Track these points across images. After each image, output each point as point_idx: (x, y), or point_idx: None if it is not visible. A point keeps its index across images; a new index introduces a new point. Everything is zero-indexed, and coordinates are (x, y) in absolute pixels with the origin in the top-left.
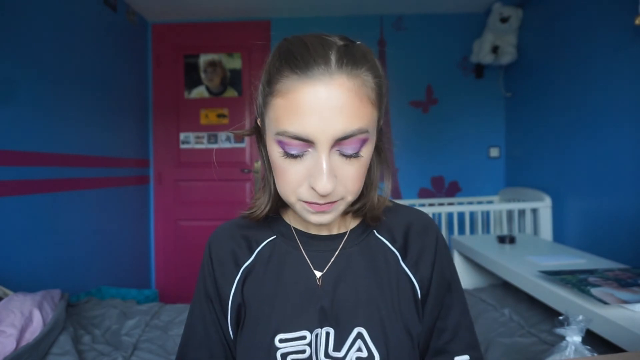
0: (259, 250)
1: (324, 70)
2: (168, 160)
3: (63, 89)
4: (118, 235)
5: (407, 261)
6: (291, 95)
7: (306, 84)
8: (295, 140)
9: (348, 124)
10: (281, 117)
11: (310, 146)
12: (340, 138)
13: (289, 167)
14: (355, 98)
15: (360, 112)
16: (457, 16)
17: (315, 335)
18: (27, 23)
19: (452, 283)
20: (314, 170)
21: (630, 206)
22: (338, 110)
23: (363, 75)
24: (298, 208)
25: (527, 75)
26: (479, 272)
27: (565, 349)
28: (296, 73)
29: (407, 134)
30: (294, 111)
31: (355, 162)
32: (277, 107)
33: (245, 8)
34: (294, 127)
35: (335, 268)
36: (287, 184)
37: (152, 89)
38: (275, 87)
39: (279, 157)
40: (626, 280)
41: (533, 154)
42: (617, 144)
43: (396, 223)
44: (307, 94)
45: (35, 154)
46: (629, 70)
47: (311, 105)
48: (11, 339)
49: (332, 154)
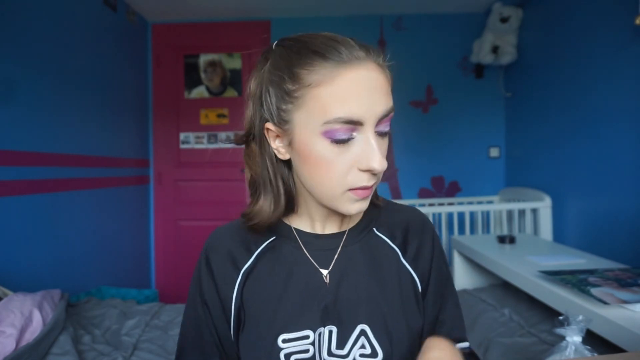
0: (258, 251)
1: (354, 55)
2: (168, 160)
3: (63, 89)
4: (118, 235)
5: (407, 257)
6: (336, 81)
7: (347, 69)
8: (346, 124)
9: (386, 103)
10: (329, 105)
11: (356, 129)
12: (382, 116)
13: (336, 157)
14: (385, 79)
15: (388, 91)
16: (457, 16)
17: (318, 334)
18: (27, 23)
19: (448, 277)
20: (365, 152)
21: (630, 206)
22: (379, 90)
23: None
24: (342, 200)
25: (527, 75)
26: (479, 272)
27: (565, 349)
28: (331, 60)
29: (407, 134)
30: (343, 96)
31: (386, 141)
32: (320, 97)
33: (245, 8)
34: (345, 110)
35: (339, 266)
36: (335, 175)
37: (152, 89)
38: (308, 79)
39: (326, 149)
40: (626, 280)
41: (533, 154)
42: (617, 144)
43: (395, 221)
44: (352, 78)
45: (35, 154)
46: (629, 70)
47: (358, 88)
48: (11, 339)
49: (375, 136)
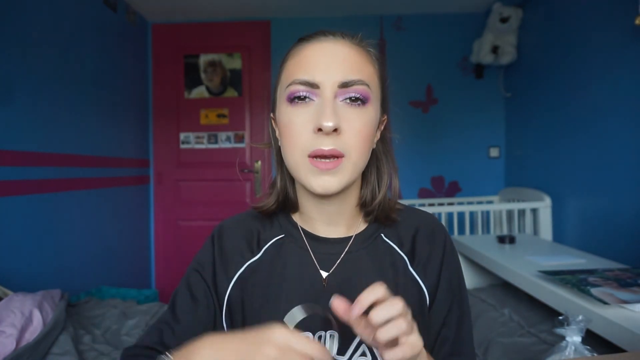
0: (266, 248)
1: (331, 37)
2: (168, 160)
3: (63, 89)
4: (118, 235)
5: (415, 266)
6: (300, 53)
7: (313, 43)
8: (303, 85)
9: (350, 72)
10: (291, 73)
11: (316, 93)
12: (344, 83)
13: (295, 118)
14: (357, 55)
15: (362, 67)
16: (457, 16)
17: (319, 338)
18: (27, 23)
19: (459, 290)
20: (319, 112)
21: (630, 206)
22: (340, 59)
23: (365, 47)
24: (304, 170)
25: (527, 75)
26: (479, 272)
27: (565, 349)
28: (306, 41)
29: (407, 134)
30: (302, 63)
31: (360, 114)
32: (287, 68)
33: (245, 8)
34: (302, 72)
35: (341, 270)
36: (294, 136)
37: (152, 89)
38: (287, 57)
39: (287, 110)
40: (626, 280)
41: (533, 154)
42: (617, 144)
43: (404, 227)
44: (314, 50)
45: (35, 154)
46: (629, 70)
47: (316, 56)
48: (11, 339)
49: (337, 102)
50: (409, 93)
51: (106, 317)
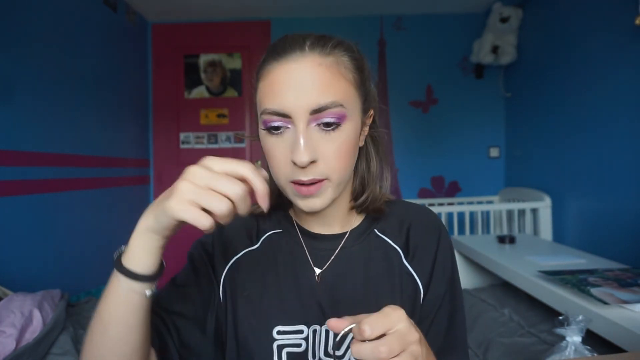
0: (264, 238)
1: (298, 53)
2: (168, 160)
3: (63, 89)
4: (118, 235)
5: (409, 259)
6: (269, 76)
7: (281, 64)
8: (275, 115)
9: (321, 96)
10: (263, 98)
11: (289, 122)
12: (315, 110)
13: (274, 146)
14: (327, 73)
15: (333, 87)
16: (457, 16)
17: (314, 332)
18: (27, 23)
19: (452, 285)
20: (292, 144)
21: (630, 206)
22: (309, 84)
23: (337, 54)
24: (289, 192)
25: (527, 75)
26: (479, 272)
27: (565, 349)
28: (275, 59)
29: (407, 134)
30: (271, 89)
31: (336, 138)
32: (260, 90)
33: (245, 8)
34: (272, 103)
35: (335, 266)
36: (276, 164)
37: (152, 89)
38: (259, 74)
39: (266, 137)
40: (626, 280)
41: (533, 154)
42: (617, 144)
43: (398, 220)
44: (281, 73)
45: (35, 154)
46: (629, 70)
47: (285, 82)
48: (11, 339)
49: (311, 129)
50: (409, 93)
51: None
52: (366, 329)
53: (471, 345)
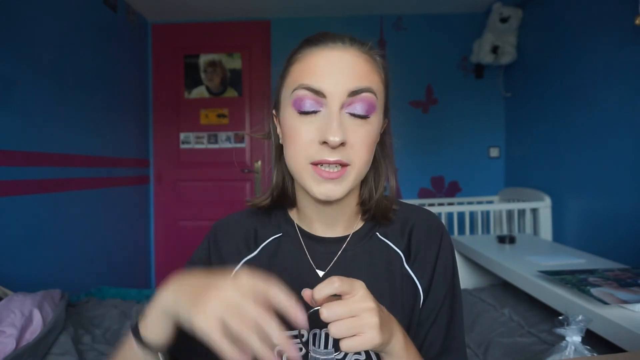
0: (263, 245)
1: (339, 44)
2: (168, 160)
3: (63, 89)
4: (118, 235)
5: (410, 263)
6: (307, 59)
7: (321, 50)
8: (310, 92)
9: (358, 81)
10: (298, 77)
11: (322, 104)
12: (353, 91)
13: (302, 127)
14: (365, 64)
15: (369, 76)
16: (457, 16)
17: (314, 335)
18: (27, 23)
19: (452, 288)
20: (325, 125)
21: (630, 206)
22: (349, 69)
23: (373, 55)
24: (306, 176)
25: (527, 75)
26: (479, 272)
27: (565, 349)
28: (314, 45)
29: (407, 134)
30: (308, 69)
31: (365, 126)
32: (294, 72)
33: (245, 8)
34: (310, 79)
35: (336, 270)
36: (299, 144)
37: (152, 89)
38: (293, 59)
39: (293, 117)
40: (626, 280)
41: (533, 154)
42: (617, 144)
43: (400, 223)
44: (321, 57)
45: (35, 154)
46: (629, 70)
47: (325, 65)
48: (11, 339)
49: (342, 115)
50: (409, 93)
51: (106, 317)
52: (328, 311)
53: (471, 345)
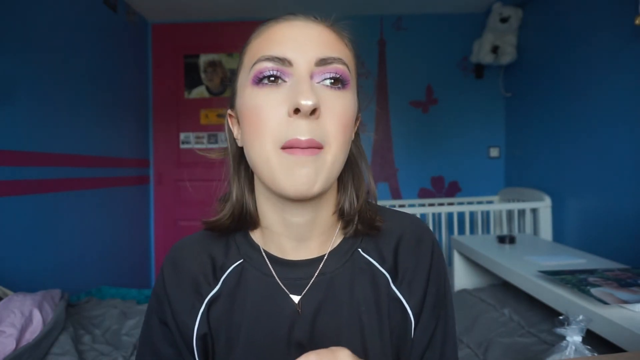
0: (224, 277)
1: (303, 17)
2: (168, 160)
3: (63, 89)
4: (118, 235)
5: (397, 283)
6: (267, 31)
7: (282, 22)
8: (272, 63)
9: (328, 50)
10: (256, 51)
11: (288, 73)
12: (321, 59)
13: (264, 101)
14: (335, 37)
15: (339, 47)
16: (457, 16)
17: None
18: (27, 23)
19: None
20: (294, 91)
21: (630, 206)
22: (316, 37)
23: (342, 30)
24: (275, 166)
25: (527, 75)
26: (479, 272)
27: (565, 349)
28: (274, 20)
29: (407, 134)
30: (270, 38)
31: (339, 98)
32: (251, 49)
33: (245, 8)
34: (272, 48)
35: (313, 295)
36: (263, 124)
37: (152, 89)
38: (250, 39)
39: (253, 95)
40: (626, 280)
41: (533, 154)
42: (617, 144)
43: (384, 237)
44: (286, 26)
45: (35, 154)
46: (629, 70)
47: (289, 32)
48: (11, 339)
49: (313, 83)
50: (409, 93)
51: (106, 317)
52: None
53: (471, 345)
